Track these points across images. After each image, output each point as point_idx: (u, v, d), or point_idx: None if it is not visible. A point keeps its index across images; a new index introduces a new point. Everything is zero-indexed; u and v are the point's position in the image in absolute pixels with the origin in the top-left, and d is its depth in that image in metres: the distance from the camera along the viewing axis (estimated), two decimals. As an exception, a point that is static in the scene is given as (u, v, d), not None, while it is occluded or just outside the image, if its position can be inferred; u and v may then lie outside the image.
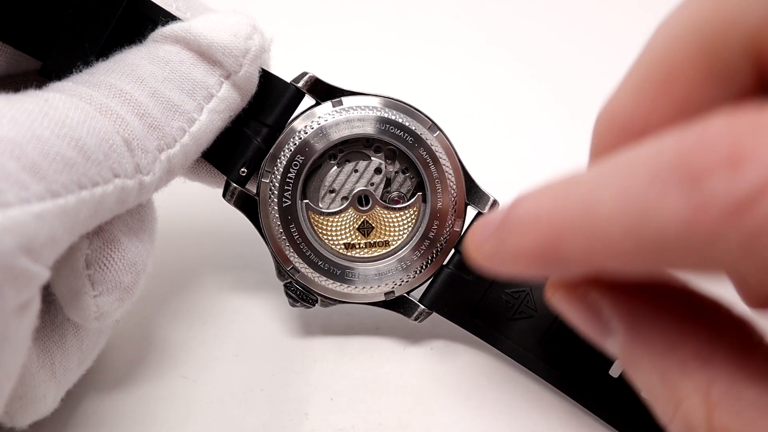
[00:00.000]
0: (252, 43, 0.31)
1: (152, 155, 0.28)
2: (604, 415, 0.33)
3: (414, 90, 0.53)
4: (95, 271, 0.27)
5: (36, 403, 0.28)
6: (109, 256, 0.27)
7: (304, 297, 0.35)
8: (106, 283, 0.27)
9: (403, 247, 0.35)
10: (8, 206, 0.21)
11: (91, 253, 0.27)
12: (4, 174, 0.21)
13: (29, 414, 0.28)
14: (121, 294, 0.28)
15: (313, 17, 0.63)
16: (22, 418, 0.28)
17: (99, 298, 0.27)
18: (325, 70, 0.38)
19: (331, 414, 0.33)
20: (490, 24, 0.62)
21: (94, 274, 0.27)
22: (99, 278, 0.27)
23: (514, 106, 0.54)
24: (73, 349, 0.29)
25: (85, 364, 0.31)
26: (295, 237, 0.34)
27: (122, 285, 0.28)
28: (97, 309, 0.27)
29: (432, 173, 0.34)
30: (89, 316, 0.27)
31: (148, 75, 0.29)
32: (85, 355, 0.30)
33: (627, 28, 0.59)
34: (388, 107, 0.34)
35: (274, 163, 0.33)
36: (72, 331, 0.29)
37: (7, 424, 0.28)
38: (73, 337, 0.29)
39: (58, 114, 0.24)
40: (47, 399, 0.28)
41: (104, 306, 0.27)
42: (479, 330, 0.35)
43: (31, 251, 0.22)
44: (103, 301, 0.27)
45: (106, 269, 0.27)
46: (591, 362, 0.33)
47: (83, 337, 0.30)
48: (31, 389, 0.27)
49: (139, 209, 0.30)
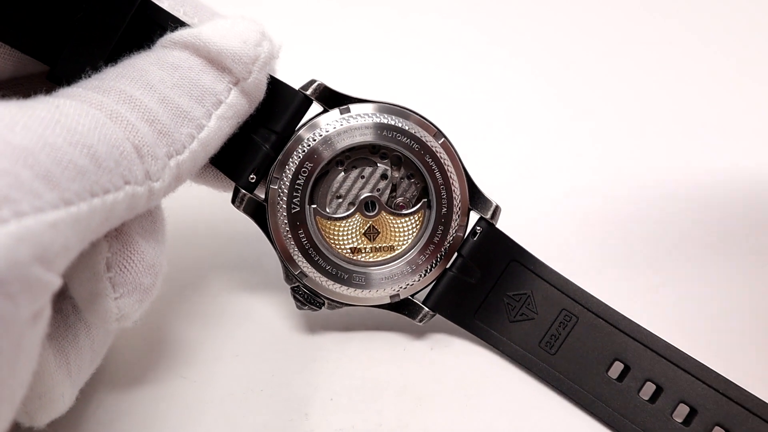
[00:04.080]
0: (261, 50, 0.31)
1: (162, 162, 0.28)
2: (603, 416, 0.34)
3: (414, 90, 0.54)
4: (116, 274, 0.27)
5: (55, 402, 0.28)
6: (129, 258, 0.28)
7: (311, 300, 0.35)
8: (126, 285, 0.27)
9: (409, 251, 0.36)
10: (23, 215, 0.21)
11: (112, 256, 0.27)
12: (19, 183, 0.21)
13: (48, 413, 0.28)
14: (141, 295, 0.28)
15: (313, 18, 0.62)
16: (42, 416, 0.28)
17: (120, 300, 0.27)
18: (325, 71, 0.38)
19: (331, 414, 0.34)
20: (490, 24, 0.62)
21: (115, 277, 0.27)
22: (120, 281, 0.27)
23: (515, 106, 0.54)
24: (85, 349, 0.30)
25: (96, 362, 0.31)
26: (303, 242, 0.34)
27: (142, 286, 0.28)
28: (118, 311, 0.27)
29: (437, 179, 0.35)
30: (110, 319, 0.28)
31: (158, 81, 0.29)
32: (96, 353, 0.31)
33: (627, 28, 0.61)
34: (394, 115, 0.34)
35: (283, 169, 0.34)
36: (84, 331, 0.29)
37: (26, 424, 0.28)
38: (85, 337, 0.30)
39: (69, 121, 0.24)
40: (65, 398, 0.29)
41: (125, 308, 0.27)
42: (481, 331, 0.36)
43: (45, 260, 0.22)
44: (124, 303, 0.27)
45: (126, 271, 0.27)
46: (590, 363, 0.34)
47: (94, 337, 0.30)
48: (50, 389, 0.28)
49: (152, 211, 0.30)
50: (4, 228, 0.20)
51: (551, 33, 0.61)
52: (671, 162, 0.51)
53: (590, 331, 0.35)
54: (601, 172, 0.49)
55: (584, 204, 0.45)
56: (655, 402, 0.33)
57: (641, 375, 0.34)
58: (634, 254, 0.43)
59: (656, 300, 0.40)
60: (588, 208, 0.45)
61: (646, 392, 0.33)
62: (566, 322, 0.35)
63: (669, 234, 0.45)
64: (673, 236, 0.45)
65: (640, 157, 0.51)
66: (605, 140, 0.52)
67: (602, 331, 0.34)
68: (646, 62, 0.58)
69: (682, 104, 0.56)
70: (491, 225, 0.36)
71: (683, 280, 0.42)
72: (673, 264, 0.43)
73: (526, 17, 0.63)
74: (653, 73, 0.58)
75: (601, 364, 0.34)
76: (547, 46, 0.60)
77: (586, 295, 0.35)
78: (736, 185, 0.49)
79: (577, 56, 0.59)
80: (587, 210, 0.45)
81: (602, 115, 0.55)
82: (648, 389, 0.33)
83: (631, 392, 0.33)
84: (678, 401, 0.33)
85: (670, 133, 0.53)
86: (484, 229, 0.36)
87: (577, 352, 0.35)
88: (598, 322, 0.35)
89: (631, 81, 0.57)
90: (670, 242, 0.44)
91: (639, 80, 0.57)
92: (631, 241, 0.39)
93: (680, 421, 0.33)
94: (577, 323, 0.35)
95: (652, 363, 0.33)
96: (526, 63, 0.58)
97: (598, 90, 0.46)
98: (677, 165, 0.51)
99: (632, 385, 0.34)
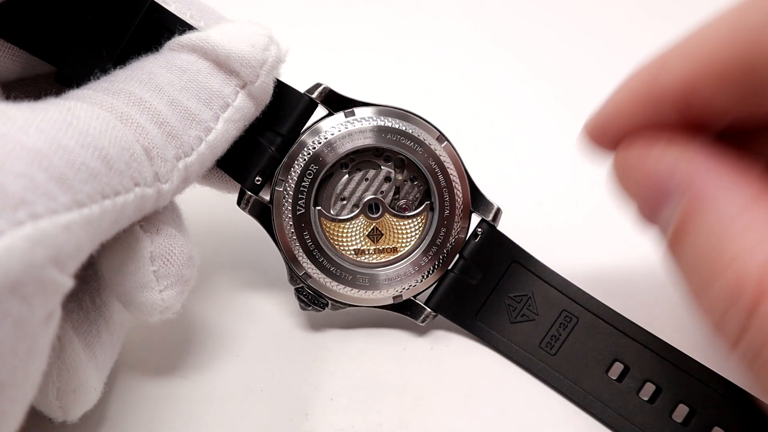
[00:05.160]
0: (269, 54, 0.31)
1: (171, 164, 0.28)
2: (602, 416, 0.34)
3: (416, 91, 0.54)
4: (160, 267, 0.28)
5: (89, 394, 0.29)
6: (171, 251, 0.29)
7: (315, 301, 0.36)
8: (170, 277, 0.28)
9: (411, 253, 0.36)
10: (38, 218, 0.21)
11: (155, 249, 0.28)
12: (33, 185, 0.21)
13: (81, 406, 0.29)
14: (182, 287, 0.29)
15: (313, 18, 0.63)
16: (75, 410, 0.29)
17: (164, 293, 0.28)
18: (329, 74, 0.38)
19: (331, 414, 0.34)
20: (492, 26, 0.62)
21: (159, 270, 0.28)
22: (164, 273, 0.28)
23: (516, 108, 0.54)
24: (107, 343, 0.30)
25: (115, 356, 0.32)
26: (308, 243, 0.35)
27: (184, 278, 0.29)
28: (162, 303, 0.28)
29: (440, 182, 0.35)
30: (154, 311, 0.28)
31: (166, 83, 0.29)
32: (115, 347, 0.32)
33: (627, 29, 0.61)
34: (397, 118, 0.35)
35: (288, 172, 0.34)
36: (105, 326, 0.30)
37: (59, 418, 0.29)
38: (105, 332, 0.30)
39: (81, 123, 0.24)
40: (97, 390, 0.30)
41: (169, 300, 0.28)
42: (482, 332, 0.37)
43: (58, 262, 0.22)
44: (168, 295, 0.28)
45: (170, 264, 0.28)
46: (590, 364, 0.35)
47: (113, 331, 0.31)
48: (84, 382, 0.28)
49: (175, 207, 0.31)
50: (20, 230, 0.21)
51: (555, 35, 0.61)
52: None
53: (590, 332, 0.35)
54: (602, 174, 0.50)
55: (585, 206, 0.45)
56: (654, 402, 0.33)
57: (640, 375, 0.34)
58: (635, 255, 0.43)
59: (656, 300, 0.40)
60: (588, 210, 0.45)
61: (646, 392, 0.34)
62: (566, 323, 0.35)
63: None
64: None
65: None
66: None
67: (602, 332, 0.35)
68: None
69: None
70: (492, 227, 0.37)
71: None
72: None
73: (530, 20, 0.63)
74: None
75: (600, 364, 0.35)
76: (549, 48, 0.60)
77: (586, 296, 0.36)
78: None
79: (578, 57, 0.59)
80: (588, 212, 0.45)
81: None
82: (647, 389, 0.34)
83: (630, 392, 0.34)
84: (677, 401, 0.33)
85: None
86: (485, 231, 0.36)
87: (577, 352, 0.35)
88: (598, 322, 0.35)
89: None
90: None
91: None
92: (632, 242, 0.39)
93: (680, 422, 0.33)
94: (577, 324, 0.35)
95: (651, 363, 0.34)
96: (528, 65, 0.58)
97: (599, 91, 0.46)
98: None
99: (632, 385, 0.34)
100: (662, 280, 0.42)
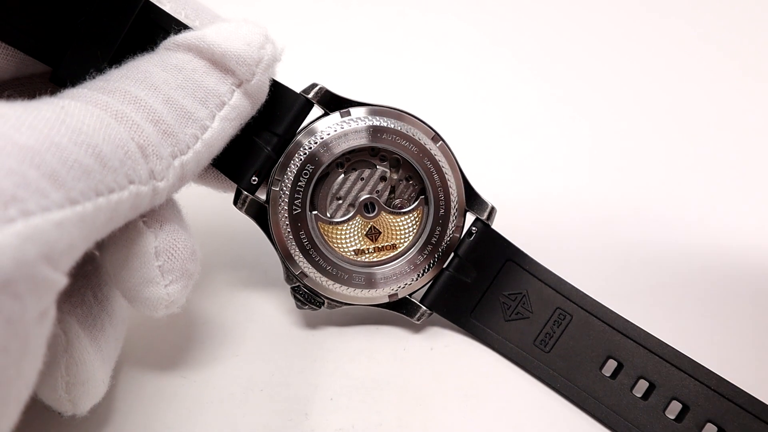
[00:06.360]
0: (264, 52, 0.31)
1: (166, 161, 0.28)
2: (596, 413, 0.34)
3: (411, 90, 0.54)
4: (165, 262, 0.28)
5: (98, 387, 0.29)
6: (174, 246, 0.29)
7: (310, 300, 0.36)
8: (175, 272, 0.29)
9: (409, 249, 0.36)
10: (30, 215, 0.21)
11: (160, 245, 0.28)
12: (25, 182, 0.21)
13: (90, 398, 0.29)
14: (187, 281, 0.29)
15: (309, 17, 0.62)
16: (85, 403, 0.29)
17: (169, 287, 0.29)
18: (325, 73, 0.38)
19: (331, 414, 0.34)
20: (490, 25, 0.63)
21: (164, 265, 0.28)
22: (168, 268, 0.28)
23: (512, 107, 0.55)
24: (111, 337, 0.30)
25: (118, 350, 0.32)
26: (304, 243, 0.35)
27: (188, 272, 0.29)
28: (168, 297, 0.29)
29: (435, 182, 0.35)
30: (160, 306, 0.29)
31: (162, 82, 0.29)
32: (118, 341, 0.32)
33: (627, 29, 0.61)
34: (393, 118, 0.35)
35: (284, 171, 0.34)
36: (108, 320, 0.30)
37: (68, 412, 0.29)
38: (109, 326, 0.30)
39: (74, 121, 0.24)
40: (105, 382, 0.30)
41: (174, 294, 0.29)
42: (477, 330, 0.37)
43: (51, 259, 0.22)
44: (173, 290, 0.29)
45: (174, 259, 0.29)
46: (584, 361, 0.35)
47: (116, 325, 0.31)
48: (93, 374, 0.29)
49: (175, 203, 0.31)
50: (11, 227, 0.20)
51: (551, 34, 0.61)
52: (668, 162, 0.51)
53: (584, 330, 0.35)
54: (596, 172, 0.50)
55: (579, 204, 0.46)
56: (647, 399, 0.34)
57: (634, 372, 0.34)
58: (628, 253, 0.43)
59: (649, 298, 0.41)
60: (583, 209, 0.45)
61: (639, 389, 0.34)
62: (560, 320, 0.36)
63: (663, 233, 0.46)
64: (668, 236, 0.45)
65: (635, 157, 0.52)
66: (600, 141, 0.53)
67: (596, 330, 0.35)
68: (645, 62, 0.59)
69: (680, 104, 0.56)
70: (487, 226, 0.37)
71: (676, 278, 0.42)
72: (666, 262, 0.44)
73: (528, 18, 0.63)
74: (651, 73, 0.58)
75: (594, 361, 0.35)
76: (545, 48, 0.60)
77: (580, 294, 0.36)
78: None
79: (573, 57, 0.59)
80: (582, 210, 0.45)
81: (598, 116, 0.55)
82: (641, 386, 0.34)
83: (624, 389, 0.34)
84: (670, 398, 0.33)
85: (667, 133, 0.54)
86: (480, 230, 0.37)
87: (571, 350, 0.35)
88: (592, 320, 0.35)
89: (629, 81, 0.58)
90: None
91: (636, 80, 0.58)
92: (626, 240, 0.39)
93: (672, 418, 0.33)
94: (571, 322, 0.36)
95: (644, 360, 0.34)
96: (524, 64, 0.59)
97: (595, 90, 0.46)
98: (674, 165, 0.51)
99: (625, 382, 0.34)
100: (655, 278, 0.43)
